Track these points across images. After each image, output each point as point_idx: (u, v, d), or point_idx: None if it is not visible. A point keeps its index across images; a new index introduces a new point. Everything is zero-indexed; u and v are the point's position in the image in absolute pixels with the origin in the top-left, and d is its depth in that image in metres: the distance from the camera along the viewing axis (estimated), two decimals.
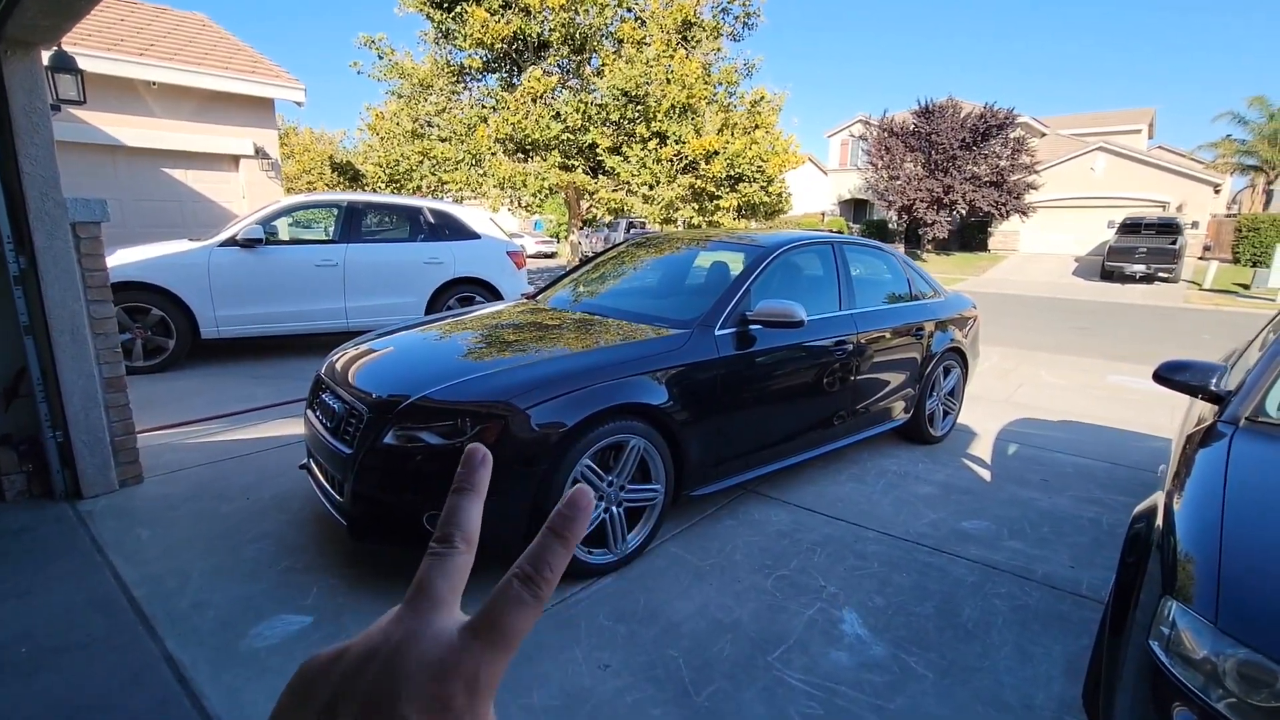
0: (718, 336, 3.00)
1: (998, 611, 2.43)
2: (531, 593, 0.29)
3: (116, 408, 3.30)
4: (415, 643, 0.27)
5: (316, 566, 2.61)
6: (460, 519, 0.32)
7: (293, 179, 24.34)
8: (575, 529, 0.31)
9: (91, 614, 2.29)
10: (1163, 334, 10.66)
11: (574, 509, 0.31)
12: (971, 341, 4.79)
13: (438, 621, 0.28)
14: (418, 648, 0.27)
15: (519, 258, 7.40)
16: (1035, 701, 1.97)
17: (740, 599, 2.48)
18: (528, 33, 13.63)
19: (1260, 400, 1.99)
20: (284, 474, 3.47)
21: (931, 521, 3.18)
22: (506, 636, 0.28)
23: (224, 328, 5.83)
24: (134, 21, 8.57)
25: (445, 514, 0.32)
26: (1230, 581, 1.32)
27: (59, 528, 2.90)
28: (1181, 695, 1.29)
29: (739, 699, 1.96)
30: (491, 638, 0.28)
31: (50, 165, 2.98)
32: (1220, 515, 1.50)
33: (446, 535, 0.32)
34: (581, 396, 2.50)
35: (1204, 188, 23.95)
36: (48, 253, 3.00)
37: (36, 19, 2.66)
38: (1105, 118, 31.28)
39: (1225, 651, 1.25)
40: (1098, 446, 4.43)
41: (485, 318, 3.54)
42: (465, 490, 0.33)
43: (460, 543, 0.31)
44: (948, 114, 22.82)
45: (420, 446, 2.35)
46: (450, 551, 0.31)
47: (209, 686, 1.95)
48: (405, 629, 0.28)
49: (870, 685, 2.03)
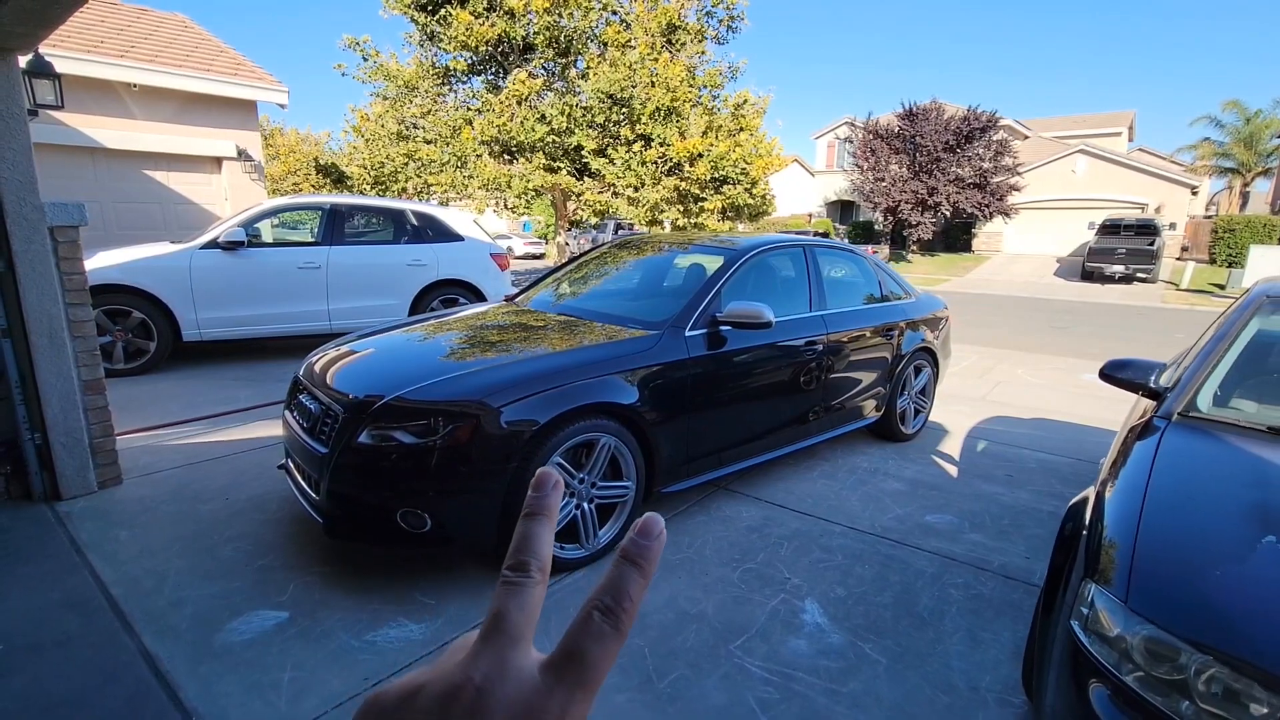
0: (688, 337, 3.08)
1: (953, 600, 2.53)
2: (613, 625, 0.27)
3: (95, 410, 3.33)
4: (498, 685, 0.26)
5: (293, 564, 2.66)
6: (535, 546, 0.31)
7: (278, 180, 24.19)
8: (651, 556, 0.30)
9: (69, 613, 2.33)
10: (1138, 333, 10.88)
11: (648, 536, 0.30)
12: (943, 341, 4.91)
13: (517, 659, 0.27)
14: (501, 690, 0.26)
15: (502, 260, 7.45)
16: (981, 684, 2.07)
17: (707, 591, 2.56)
18: (512, 35, 13.67)
19: (1193, 396, 2.10)
20: (262, 475, 3.51)
21: (897, 516, 3.27)
22: (591, 673, 0.27)
23: (206, 330, 5.84)
24: (114, 22, 8.54)
25: (518, 541, 0.31)
26: (1141, 564, 1.42)
27: (37, 529, 2.93)
28: (1097, 672, 1.38)
29: (700, 685, 2.03)
30: (577, 677, 0.26)
31: (28, 169, 3.01)
32: (1141, 503, 1.60)
33: (522, 564, 0.30)
34: (553, 396, 2.57)
35: (1181, 190, 24.39)
36: (25, 256, 3.03)
37: (11, 26, 2.70)
38: (1086, 120, 31.77)
39: (1134, 629, 1.34)
40: (1064, 443, 4.56)
41: (464, 319, 3.60)
42: (538, 515, 0.32)
43: (536, 572, 0.30)
44: (932, 116, 23.11)
45: (394, 446, 2.41)
46: (527, 581, 0.29)
47: (185, 679, 2.00)
48: (485, 669, 0.27)
49: (826, 671, 2.11)
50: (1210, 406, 2.09)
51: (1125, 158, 25.85)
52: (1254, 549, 1.41)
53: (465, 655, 0.28)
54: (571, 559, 2.68)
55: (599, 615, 0.28)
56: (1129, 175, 24.80)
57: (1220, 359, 2.19)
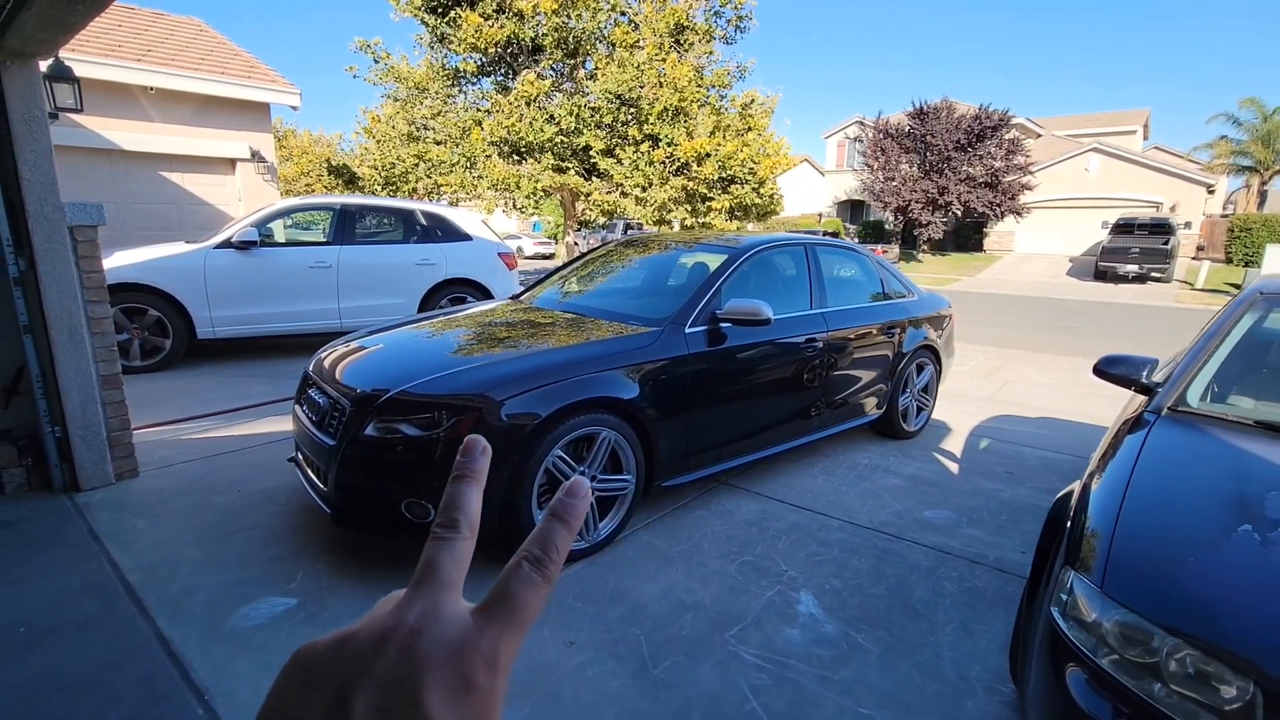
0: (688, 334, 3.13)
1: (947, 593, 2.56)
2: (540, 573, 0.30)
3: (113, 404, 3.43)
4: (431, 624, 0.27)
5: (302, 554, 2.74)
6: (463, 504, 0.32)
7: (290, 181, 24.48)
8: (576, 513, 0.32)
9: (87, 597, 2.42)
10: (1150, 333, 10.79)
11: (574, 496, 0.32)
12: (946, 340, 4.92)
13: (448, 603, 0.29)
14: (435, 629, 0.27)
15: (510, 259, 7.53)
16: (971, 673, 2.10)
17: (704, 582, 2.61)
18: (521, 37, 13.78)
19: (1183, 392, 2.12)
20: (274, 468, 3.60)
21: (895, 511, 3.31)
22: (521, 614, 0.29)
23: (219, 328, 5.96)
24: (131, 26, 8.71)
25: (447, 500, 0.33)
26: (1118, 551, 1.45)
27: (57, 519, 3.03)
28: (1074, 656, 1.42)
29: (694, 672, 2.08)
30: (507, 616, 0.28)
31: (48, 171, 3.12)
32: (1123, 494, 1.63)
33: (451, 520, 0.32)
34: (554, 390, 2.63)
35: (1197, 188, 24.10)
36: (46, 255, 3.13)
37: (34, 32, 2.79)
38: (1100, 119, 31.46)
39: (1109, 614, 1.38)
40: (1068, 441, 4.56)
41: (470, 316, 3.67)
42: (466, 477, 0.34)
43: (465, 529, 0.32)
44: (942, 115, 23.01)
45: (400, 438, 2.48)
46: (455, 536, 0.31)
47: (197, 661, 2.08)
48: (419, 611, 0.28)
49: (819, 659, 2.15)
50: (1200, 402, 2.11)
51: (1139, 156, 25.57)
52: (1229, 537, 1.44)
53: (397, 603, 0.29)
54: (574, 550, 2.74)
55: (528, 564, 0.30)
56: (1143, 174, 24.54)
57: (1211, 355, 2.22)
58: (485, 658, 0.27)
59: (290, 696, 0.27)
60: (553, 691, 1.99)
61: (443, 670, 0.26)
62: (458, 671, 0.26)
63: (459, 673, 0.26)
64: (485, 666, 0.27)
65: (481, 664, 0.27)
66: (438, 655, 0.26)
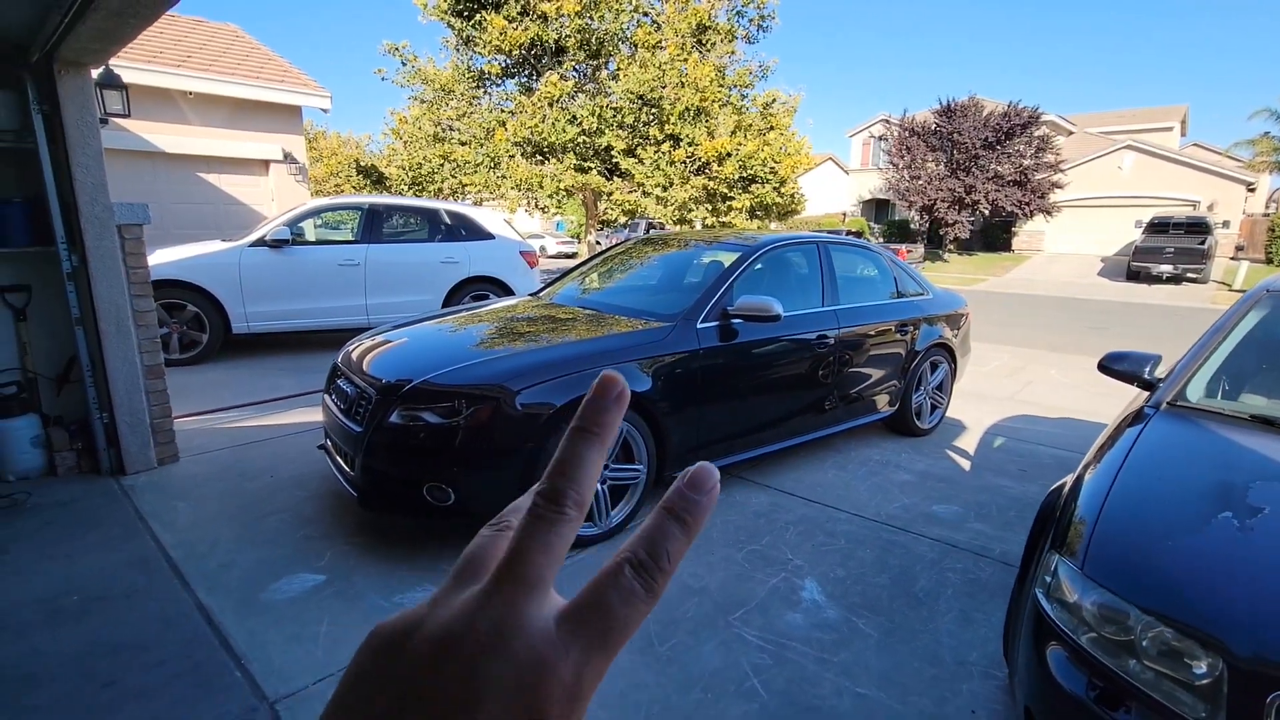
0: (700, 329, 3.22)
1: (949, 583, 2.62)
2: (646, 584, 0.23)
3: (156, 393, 3.64)
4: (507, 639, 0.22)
5: (330, 534, 2.89)
6: (578, 475, 0.25)
7: (321, 182, 25.08)
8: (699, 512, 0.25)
9: (133, 570, 2.60)
10: (1181, 334, 10.55)
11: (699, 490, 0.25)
12: (962, 339, 4.93)
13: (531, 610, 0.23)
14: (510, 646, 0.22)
15: (531, 257, 7.69)
16: (968, 658, 2.16)
17: (712, 568, 2.70)
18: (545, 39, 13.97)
19: (1183, 387, 2.15)
20: (304, 456, 3.78)
21: (904, 505, 3.36)
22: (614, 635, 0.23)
23: (253, 323, 6.20)
24: (172, 33, 9.06)
25: (560, 463, 0.25)
26: (1100, 535, 1.51)
27: (105, 499, 3.24)
28: (1055, 635, 1.49)
29: (698, 650, 2.18)
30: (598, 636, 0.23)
31: (99, 173, 3.32)
32: (1111, 483, 1.68)
33: (558, 493, 0.25)
34: (568, 381, 2.75)
35: (1237, 186, 23.39)
36: (97, 252, 3.33)
37: (88, 44, 2.99)
38: (1136, 115, 30.66)
39: (1088, 594, 1.44)
40: (1085, 441, 4.52)
41: (491, 312, 3.81)
42: (589, 434, 0.26)
43: (572, 506, 0.25)
44: (970, 113, 22.65)
45: (422, 425, 2.61)
46: (559, 517, 0.24)
47: (234, 629, 2.23)
48: (494, 619, 0.23)
49: (819, 642, 2.23)
50: (1200, 397, 2.14)
51: (1175, 153, 24.88)
52: (1208, 523, 1.49)
53: (472, 598, 0.24)
54: (585, 535, 2.85)
55: (630, 570, 0.23)
56: (1179, 171, 23.89)
57: (1214, 351, 2.24)
58: (565, 688, 0.22)
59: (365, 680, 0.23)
60: None
61: (512, 701, 0.21)
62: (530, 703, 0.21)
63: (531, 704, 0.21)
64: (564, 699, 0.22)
65: (560, 696, 0.22)
66: (508, 681, 0.21)
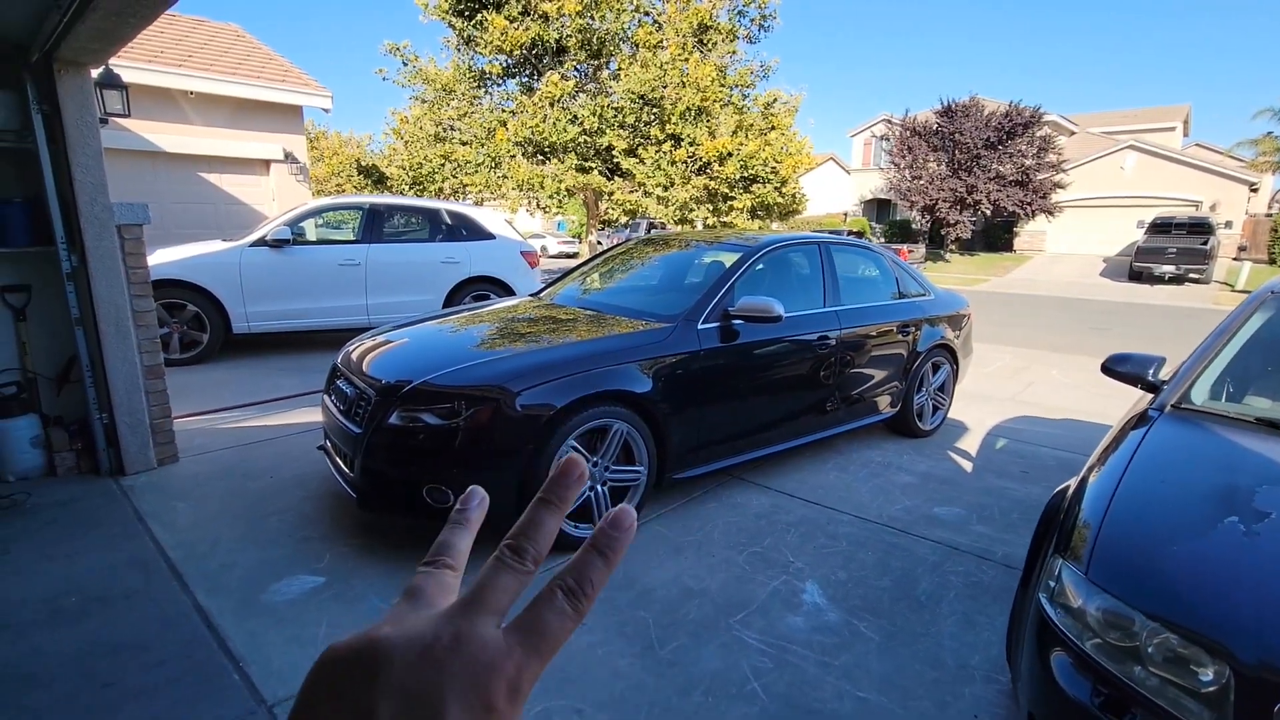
0: (700, 330, 3.21)
1: (952, 586, 2.60)
2: (574, 606, 0.29)
3: (155, 393, 3.63)
4: (465, 644, 0.28)
5: (330, 536, 2.89)
6: (539, 535, 0.32)
7: (322, 181, 25.07)
8: (618, 547, 0.31)
9: (132, 571, 2.59)
10: (1184, 334, 10.53)
11: (618, 528, 0.31)
12: (964, 339, 4.91)
13: (486, 628, 0.29)
14: (467, 650, 0.27)
15: (532, 257, 7.68)
16: (970, 662, 2.15)
17: (712, 570, 2.69)
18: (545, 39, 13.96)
19: (1187, 389, 2.14)
20: (304, 456, 3.77)
21: (905, 507, 3.34)
22: (547, 643, 0.29)
23: (254, 323, 6.20)
24: (173, 33, 9.06)
25: (526, 524, 0.32)
26: (1104, 540, 1.50)
27: (104, 500, 3.23)
28: (1060, 641, 1.47)
29: (698, 653, 2.17)
30: (534, 643, 0.28)
31: (99, 173, 3.32)
32: (1116, 486, 1.67)
33: (522, 549, 0.31)
34: (569, 382, 2.74)
35: (1239, 186, 23.33)
36: (96, 252, 3.33)
37: (87, 43, 2.98)
38: (1138, 115, 30.59)
39: (1093, 599, 1.43)
40: (1086, 442, 4.51)
41: (492, 312, 3.80)
42: (552, 504, 0.33)
43: (530, 562, 0.31)
44: (971, 113, 22.61)
45: (421, 426, 2.61)
46: (519, 568, 0.31)
47: (233, 631, 2.23)
48: (455, 630, 0.28)
49: (820, 645, 2.22)
50: (1205, 399, 2.13)
51: (1178, 153, 24.82)
52: (1214, 528, 1.48)
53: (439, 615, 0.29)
54: (584, 537, 2.82)
55: (562, 595, 0.29)
56: (1182, 172, 23.83)
57: (1218, 353, 2.23)
58: (510, 684, 0.27)
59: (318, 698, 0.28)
60: (561, 668, 2.09)
61: (468, 692, 0.26)
62: (482, 695, 0.27)
63: (483, 696, 0.27)
64: (508, 693, 0.27)
65: (505, 690, 0.27)
66: (466, 677, 0.27)
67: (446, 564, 0.33)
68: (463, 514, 0.35)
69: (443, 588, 0.32)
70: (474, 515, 0.35)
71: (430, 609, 0.30)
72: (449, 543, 0.34)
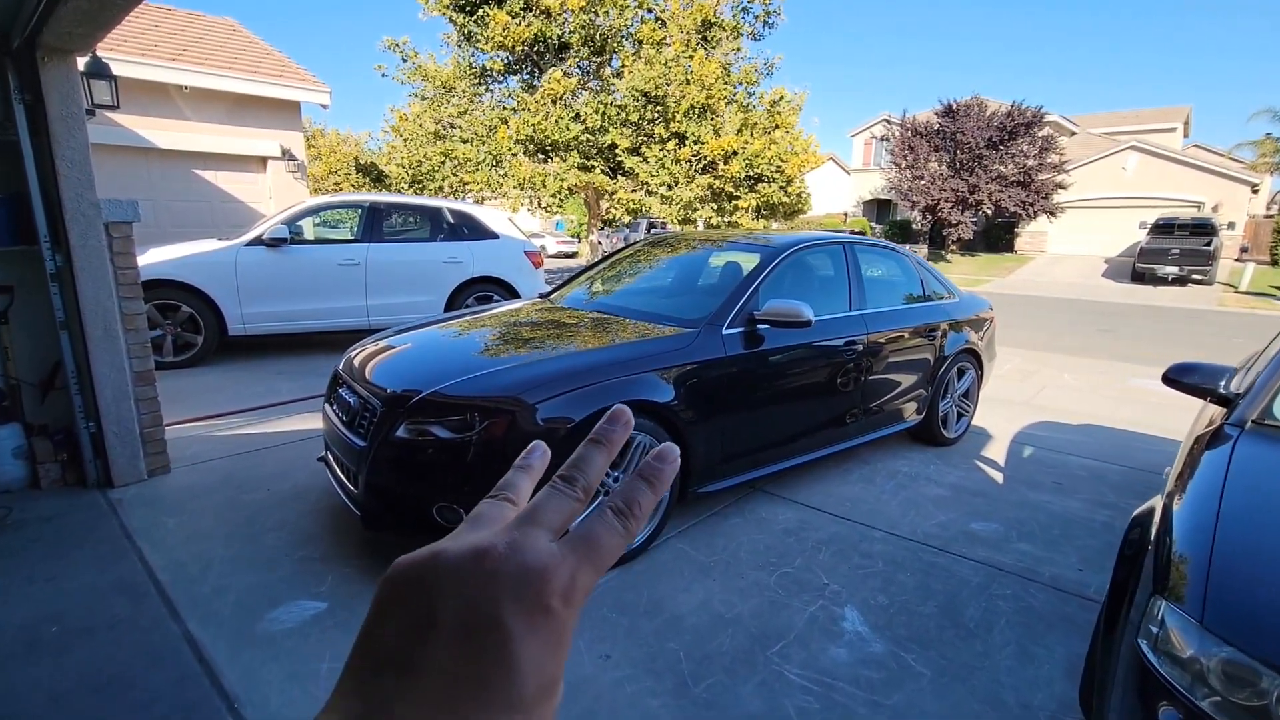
0: (725, 336, 3.03)
1: (1001, 612, 2.43)
2: (623, 525, 0.31)
3: (146, 400, 3.43)
4: (520, 551, 0.29)
5: (332, 556, 2.70)
6: (587, 468, 0.33)
7: (319, 180, 24.83)
8: (663, 477, 0.33)
9: (119, 596, 2.40)
10: (1192, 337, 10.40)
11: (662, 460, 0.33)
12: (987, 343, 4.75)
13: (539, 537, 0.30)
14: (522, 555, 0.28)
15: (536, 257, 7.49)
16: (1033, 701, 1.97)
17: (743, 595, 2.51)
18: (548, 35, 13.75)
19: (1268, 403, 1.97)
20: (303, 467, 3.58)
21: (940, 523, 3.17)
22: (600, 555, 0.30)
23: (250, 325, 6.00)
24: (167, 27, 8.84)
25: (576, 458, 0.34)
26: (1218, 581, 1.33)
27: (90, 515, 3.04)
28: (1168, 694, 1.30)
29: (737, 692, 1.99)
30: (586, 553, 0.30)
31: (85, 168, 3.12)
32: (1215, 516, 1.50)
33: (572, 478, 0.33)
34: (588, 393, 2.55)
35: (1241, 187, 23.26)
36: (82, 251, 3.13)
37: (71, 28, 2.79)
38: (1138, 116, 30.54)
39: (1211, 650, 1.25)
40: (1113, 449, 4.37)
41: (499, 316, 3.61)
42: (599, 443, 0.34)
43: (580, 490, 0.33)
44: (973, 113, 22.49)
45: (431, 440, 2.42)
46: (569, 493, 0.32)
47: (226, 666, 2.04)
48: (511, 539, 0.29)
49: (868, 681, 2.04)
50: None
51: (1179, 154, 24.76)
52: None
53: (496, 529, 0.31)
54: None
55: (612, 513, 0.31)
56: (1183, 172, 23.76)
57: None
58: (564, 587, 0.28)
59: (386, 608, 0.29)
60: (589, 710, 1.91)
61: (524, 593, 0.28)
62: (538, 596, 0.28)
63: (539, 597, 0.28)
64: (562, 595, 0.28)
65: (559, 592, 0.28)
66: (521, 578, 0.28)
67: (508, 497, 0.34)
68: (526, 460, 0.37)
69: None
70: (536, 463, 0.37)
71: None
72: (512, 481, 0.35)
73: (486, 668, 0.26)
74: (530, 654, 0.27)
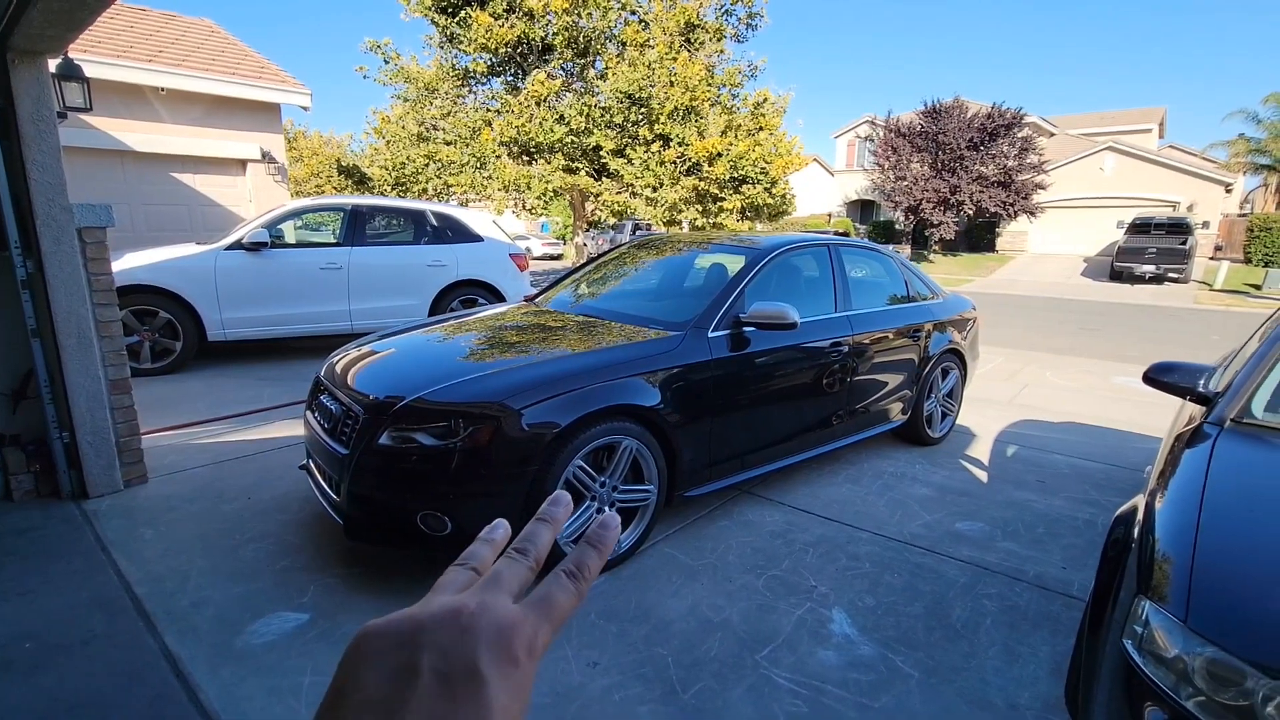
0: (711, 338, 3.03)
1: (987, 612, 2.44)
2: (575, 585, 0.36)
3: (121, 409, 3.36)
4: (489, 610, 0.33)
5: (314, 566, 2.65)
6: (538, 541, 0.39)
7: (301, 182, 24.54)
8: (607, 542, 0.38)
9: (94, 612, 2.34)
10: (1170, 335, 10.59)
11: (606, 528, 0.39)
12: (971, 343, 4.79)
13: (504, 600, 0.34)
14: (492, 613, 0.33)
15: (521, 260, 7.45)
16: (1020, 701, 1.98)
17: (731, 598, 2.50)
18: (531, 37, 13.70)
19: (1246, 402, 1.99)
20: (285, 475, 3.52)
21: (926, 523, 3.19)
22: (557, 613, 0.35)
23: (230, 330, 5.90)
24: (142, 28, 8.69)
25: (527, 533, 0.39)
26: (1202, 581, 1.34)
27: (65, 527, 2.96)
28: (1153, 694, 1.30)
29: (726, 697, 1.98)
30: (545, 611, 0.34)
31: (57, 172, 3.05)
32: (1197, 515, 1.51)
33: (525, 549, 0.38)
34: (574, 398, 2.53)
35: (1215, 187, 23.73)
36: (54, 257, 3.06)
37: (42, 28, 2.72)
38: (1115, 117, 31.06)
39: (1195, 650, 1.26)
40: (1097, 448, 4.42)
41: (484, 320, 3.58)
42: (545, 521, 0.40)
43: (532, 560, 0.38)
44: (955, 114, 22.76)
45: (415, 447, 2.39)
46: (524, 562, 0.37)
47: (206, 682, 1.99)
48: (482, 599, 0.34)
49: (856, 684, 2.04)
50: (1265, 412, 1.99)
51: (1155, 155, 25.21)
52: None
53: (464, 591, 0.35)
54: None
55: (565, 576, 0.36)
56: (1159, 173, 24.20)
57: (1277, 361, 2.09)
58: (528, 641, 0.33)
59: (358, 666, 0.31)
60: (578, 718, 1.89)
61: (496, 645, 0.31)
62: (509, 648, 0.32)
63: (509, 649, 0.32)
64: (527, 648, 0.32)
65: (525, 645, 0.32)
66: (492, 633, 0.32)
67: (472, 567, 0.38)
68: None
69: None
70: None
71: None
72: (476, 552, 0.39)
73: (465, 711, 0.29)
74: (502, 701, 0.30)
